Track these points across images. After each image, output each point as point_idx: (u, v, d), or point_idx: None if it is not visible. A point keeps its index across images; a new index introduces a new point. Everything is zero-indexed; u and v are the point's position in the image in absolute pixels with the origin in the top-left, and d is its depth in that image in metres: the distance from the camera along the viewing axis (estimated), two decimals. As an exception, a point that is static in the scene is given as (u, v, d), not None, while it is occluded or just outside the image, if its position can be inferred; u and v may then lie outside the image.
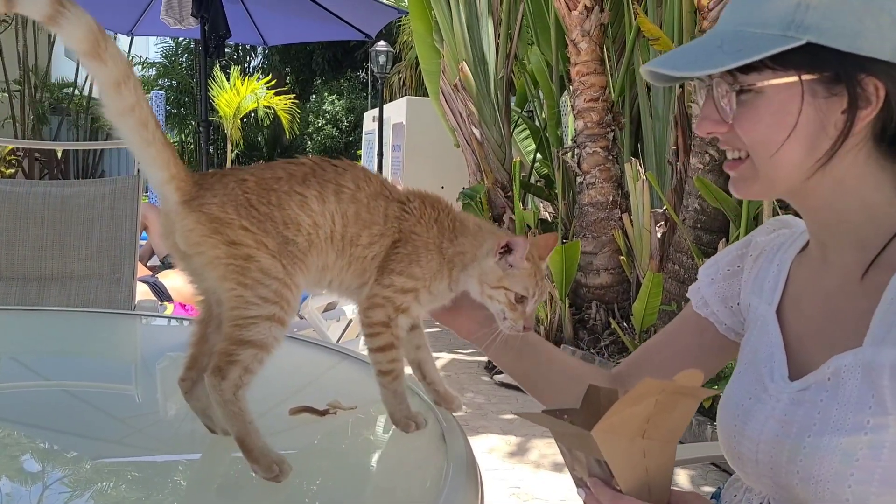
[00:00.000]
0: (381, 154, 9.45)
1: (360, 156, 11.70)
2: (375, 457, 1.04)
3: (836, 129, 0.81)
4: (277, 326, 0.80)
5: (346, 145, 17.82)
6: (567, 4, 4.74)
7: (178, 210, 0.81)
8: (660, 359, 1.11)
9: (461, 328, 1.07)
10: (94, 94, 15.63)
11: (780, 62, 0.79)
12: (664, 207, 4.41)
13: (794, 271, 0.97)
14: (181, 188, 0.81)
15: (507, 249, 0.94)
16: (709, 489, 3.02)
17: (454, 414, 1.02)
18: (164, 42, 17.98)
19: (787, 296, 0.96)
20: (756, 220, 3.67)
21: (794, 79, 0.80)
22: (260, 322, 0.80)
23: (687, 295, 1.13)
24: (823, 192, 0.86)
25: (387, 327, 0.89)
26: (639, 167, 4.41)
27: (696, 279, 1.11)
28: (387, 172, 9.56)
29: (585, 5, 4.69)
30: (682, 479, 3.13)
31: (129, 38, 14.49)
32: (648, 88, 5.16)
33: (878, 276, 0.83)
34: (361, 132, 11.76)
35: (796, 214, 0.98)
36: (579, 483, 0.82)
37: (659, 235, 4.39)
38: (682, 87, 4.15)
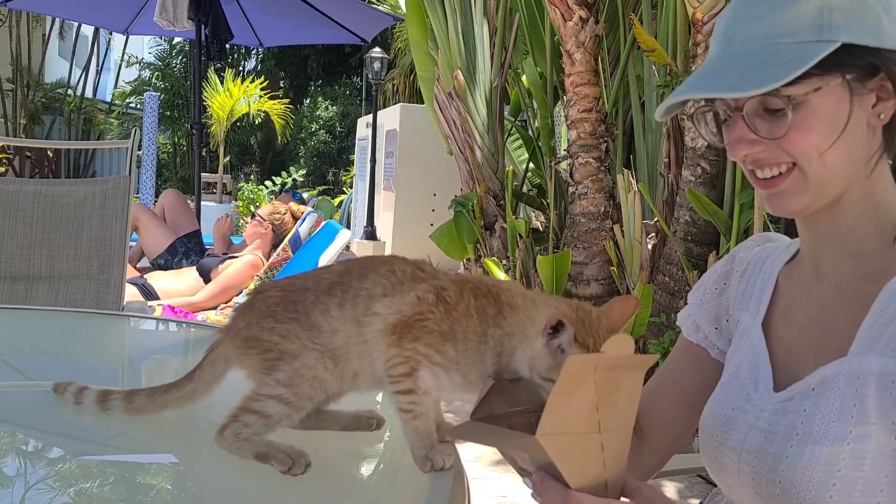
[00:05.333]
0: (373, 160, 9.44)
1: (354, 161, 11.69)
2: (361, 464, 1.03)
3: (869, 126, 0.83)
4: (284, 406, 0.85)
5: (339, 151, 17.79)
6: (562, 15, 4.76)
7: (220, 342, 0.92)
8: (666, 405, 1.07)
9: None
10: (87, 94, 15.59)
11: (823, 67, 0.79)
12: (655, 219, 4.43)
13: (782, 283, 0.97)
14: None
15: (558, 329, 0.77)
16: (695, 501, 3.02)
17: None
18: (158, 45, 17.94)
19: (775, 308, 0.96)
20: (746, 233, 3.68)
21: (839, 80, 0.81)
22: (267, 400, 0.85)
23: (677, 323, 1.11)
24: (853, 197, 0.86)
25: (409, 377, 0.83)
26: (631, 178, 4.42)
27: (687, 291, 1.10)
28: (379, 179, 9.55)
29: (580, 16, 4.71)
30: (669, 490, 3.13)
31: (125, 36, 14.47)
32: (642, 101, 5.18)
33: (870, 287, 0.83)
34: (355, 138, 11.74)
35: (786, 231, 0.98)
36: (523, 473, 0.79)
37: (650, 247, 4.40)
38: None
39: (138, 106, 16.36)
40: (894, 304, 0.79)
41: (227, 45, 5.50)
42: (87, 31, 15.75)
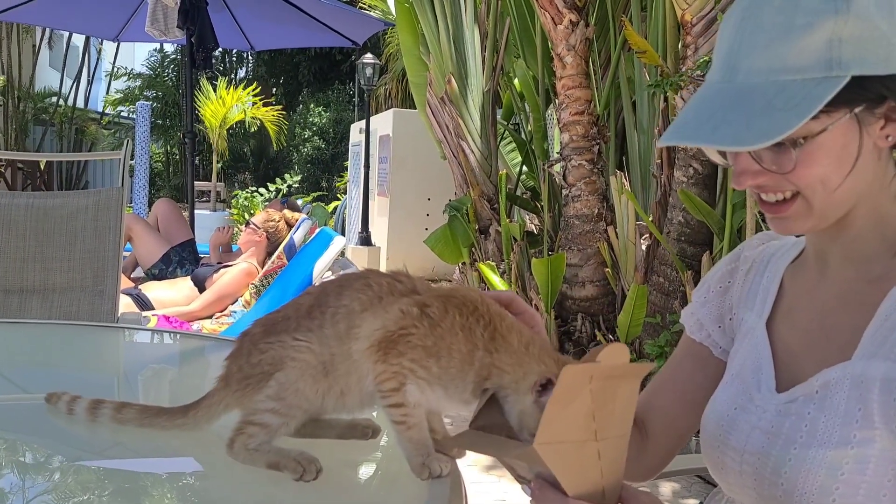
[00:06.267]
0: (367, 166, 9.44)
1: (347, 167, 11.68)
2: (357, 469, 1.03)
3: (876, 147, 0.82)
4: (278, 417, 0.87)
5: (332, 157, 17.77)
6: (552, 19, 4.77)
7: (219, 389, 0.93)
8: (669, 403, 1.07)
9: None
10: (79, 104, 15.57)
11: (831, 104, 0.77)
12: (647, 220, 4.44)
13: (787, 282, 0.97)
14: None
15: (547, 387, 0.78)
16: (693, 501, 3.03)
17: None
18: (151, 55, 17.89)
19: (779, 307, 0.96)
20: (740, 233, 3.70)
21: (848, 115, 0.79)
22: (263, 413, 0.88)
23: (680, 320, 1.11)
24: (859, 213, 0.85)
25: (397, 392, 0.85)
26: (623, 180, 4.43)
27: (681, 291, 1.10)
28: (373, 184, 9.55)
29: (571, 20, 4.72)
30: (666, 490, 3.14)
31: (115, 44, 14.43)
32: (633, 102, 5.20)
33: (873, 291, 0.84)
34: (348, 144, 11.74)
35: None
36: (522, 481, 0.80)
37: (644, 248, 4.41)
38: (665, 100, 4.18)
39: (130, 115, 16.32)
40: None
41: (218, 53, 5.53)
42: (78, 41, 15.72)
